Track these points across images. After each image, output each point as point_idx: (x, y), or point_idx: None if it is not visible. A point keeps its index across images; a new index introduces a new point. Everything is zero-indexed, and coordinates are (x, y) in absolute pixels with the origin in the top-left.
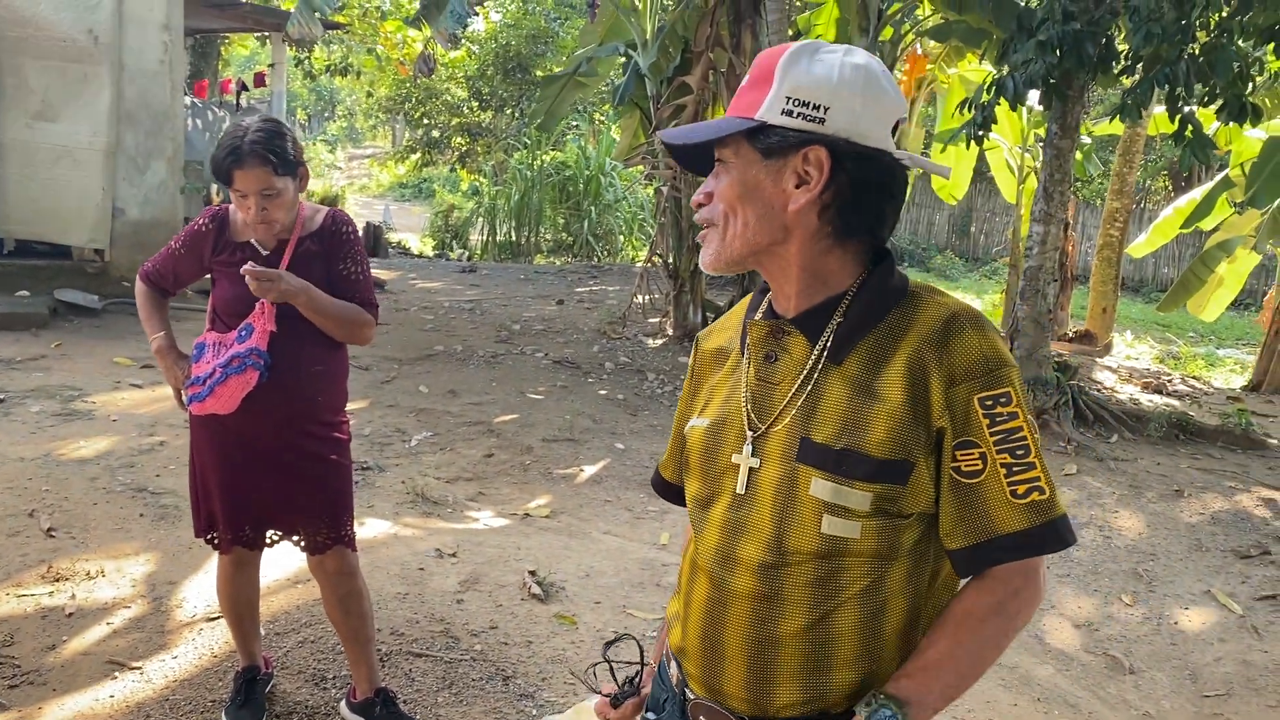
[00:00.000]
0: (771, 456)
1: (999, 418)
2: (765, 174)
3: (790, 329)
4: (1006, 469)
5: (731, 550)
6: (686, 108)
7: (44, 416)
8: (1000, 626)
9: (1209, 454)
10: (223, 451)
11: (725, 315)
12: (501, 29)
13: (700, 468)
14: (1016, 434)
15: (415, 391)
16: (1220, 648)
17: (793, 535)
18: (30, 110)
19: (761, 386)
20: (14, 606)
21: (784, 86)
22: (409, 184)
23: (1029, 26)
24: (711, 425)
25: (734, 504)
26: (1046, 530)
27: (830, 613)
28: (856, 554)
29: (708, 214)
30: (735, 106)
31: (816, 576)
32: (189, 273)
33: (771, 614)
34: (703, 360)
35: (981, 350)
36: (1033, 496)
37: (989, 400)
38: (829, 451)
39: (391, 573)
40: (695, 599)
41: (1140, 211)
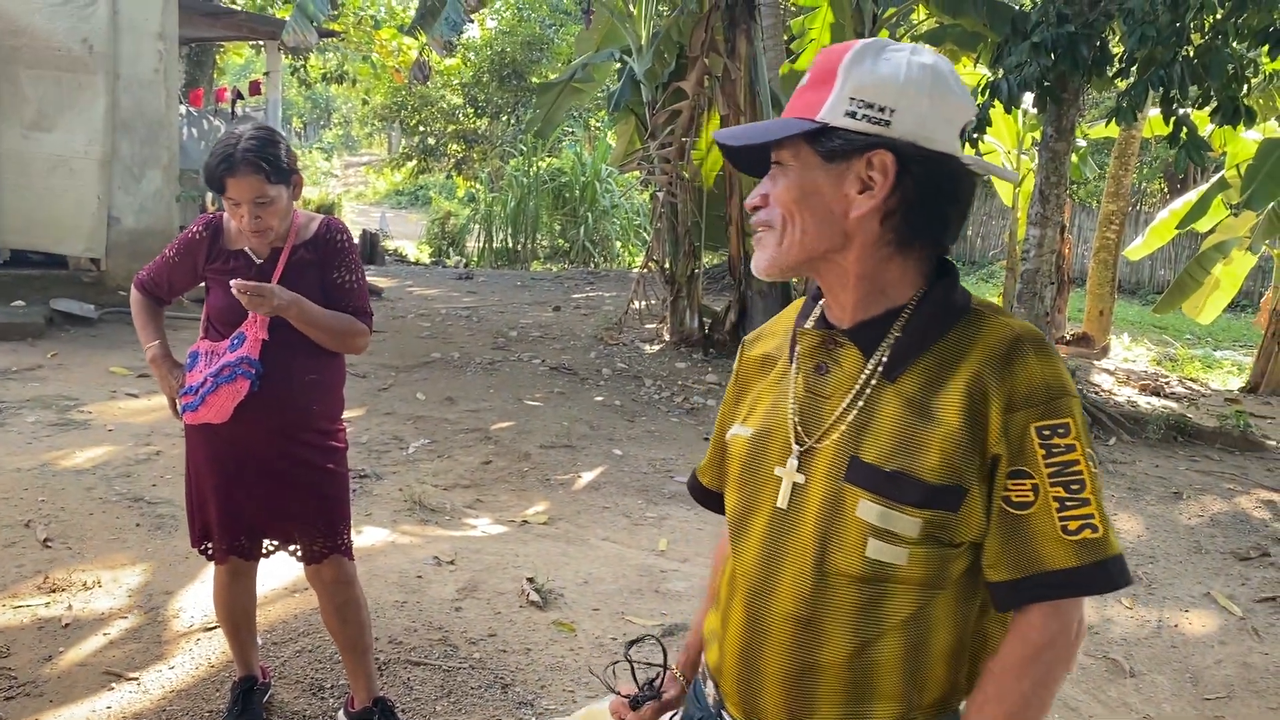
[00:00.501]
0: (817, 473)
1: (1056, 449)
2: (826, 178)
3: (844, 341)
4: (1059, 503)
5: (771, 569)
6: (682, 113)
7: (40, 426)
8: (1040, 677)
9: (1207, 456)
10: (217, 461)
11: (772, 320)
12: (497, 36)
13: (741, 479)
14: (1073, 467)
15: (412, 399)
16: (1221, 650)
17: (836, 557)
18: (25, 119)
19: (810, 399)
20: (10, 618)
21: (847, 86)
22: (405, 191)
23: (1023, 29)
24: (755, 435)
25: (775, 519)
26: (1096, 570)
27: (872, 641)
28: (902, 581)
29: (764, 217)
30: (794, 106)
31: (859, 602)
32: (183, 281)
33: (812, 639)
34: (748, 366)
35: (1044, 377)
36: (1084, 534)
37: (1047, 430)
38: (879, 473)
39: (389, 581)
40: (733, 618)
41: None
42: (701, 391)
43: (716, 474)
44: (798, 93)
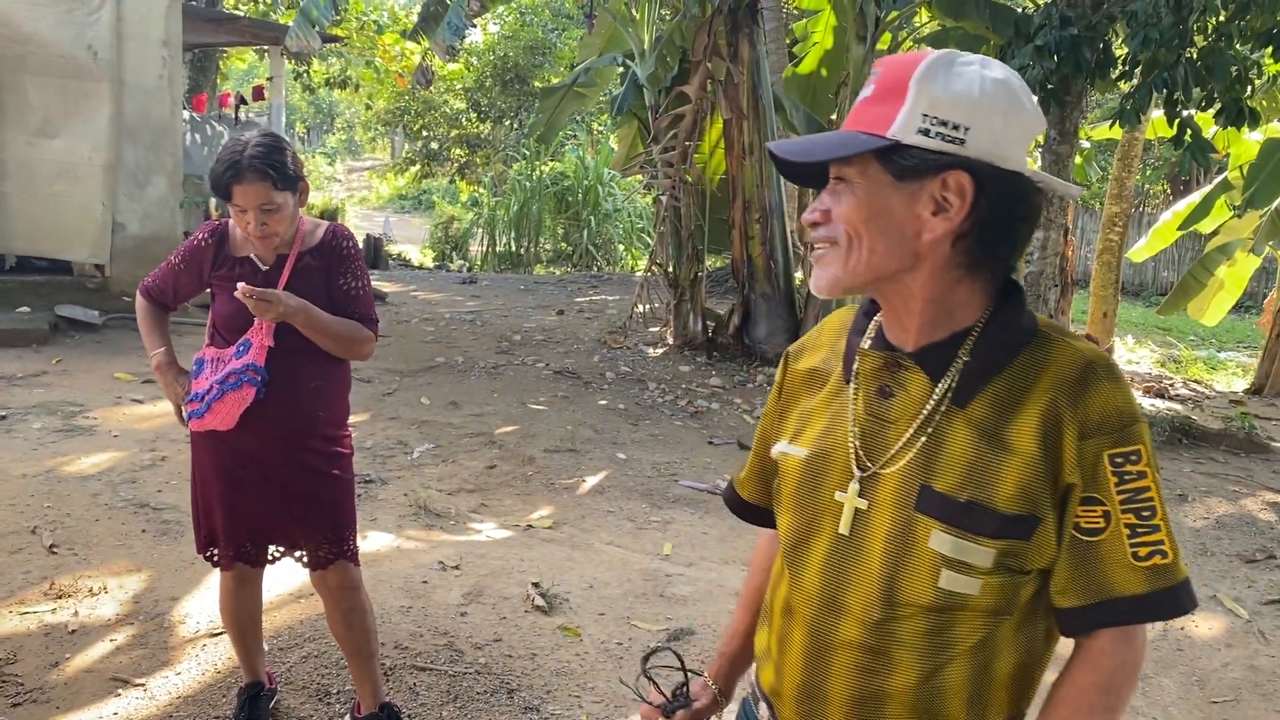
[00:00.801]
0: (884, 501)
1: (1128, 476)
2: (897, 198)
3: (909, 364)
4: (1130, 529)
5: (836, 597)
6: (684, 117)
7: (45, 433)
8: (1111, 703)
9: (1212, 458)
10: (223, 467)
11: (815, 331)
12: (499, 40)
13: (796, 501)
14: (1144, 494)
15: (417, 403)
16: (1227, 653)
17: (906, 587)
18: (31, 127)
19: (873, 423)
20: (16, 624)
21: (920, 102)
22: (408, 196)
23: (1026, 32)
24: (811, 457)
25: (837, 546)
26: (1165, 596)
27: (940, 667)
28: (973, 609)
29: (826, 234)
30: (859, 120)
31: (928, 630)
32: (188, 288)
33: (879, 667)
34: (794, 380)
35: (1116, 404)
36: (1155, 560)
37: (1119, 458)
38: (953, 503)
39: (395, 586)
40: (793, 644)
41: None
42: (705, 395)
43: (758, 488)
44: (863, 104)
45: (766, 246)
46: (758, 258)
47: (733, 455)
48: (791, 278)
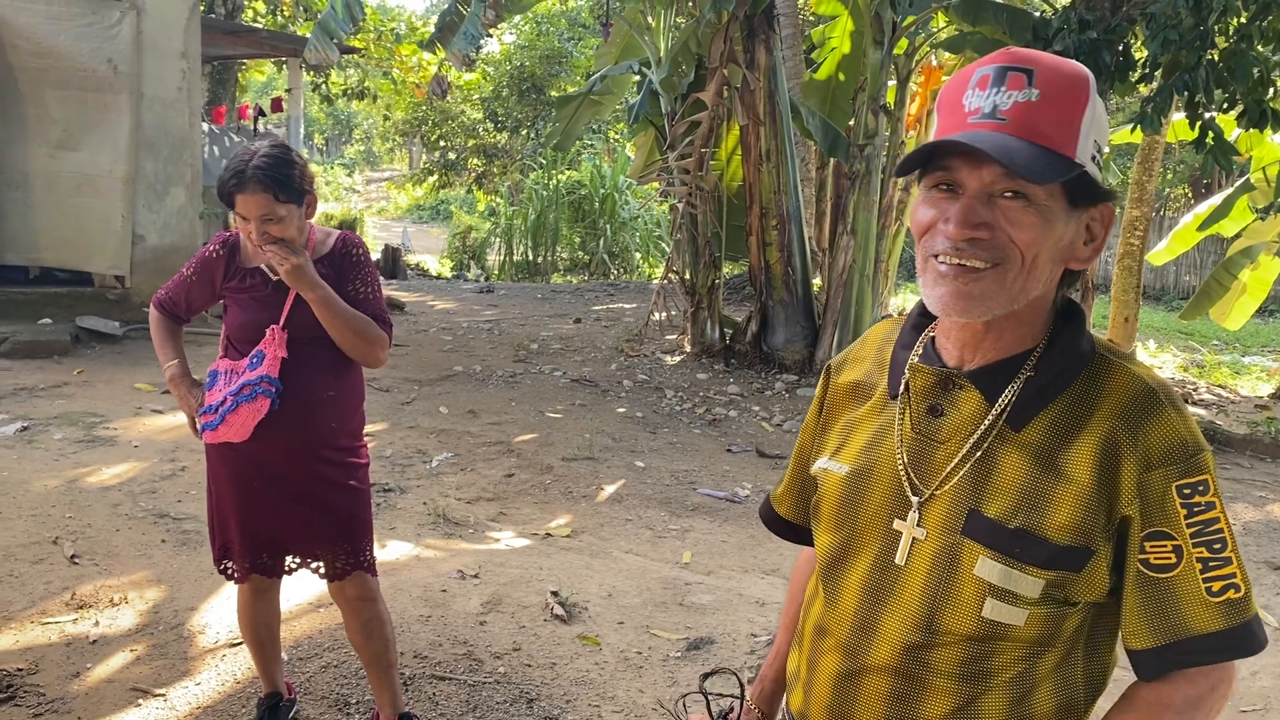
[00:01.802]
0: (931, 525)
1: (1197, 508)
2: (1070, 225)
3: (964, 383)
4: (1203, 564)
5: (872, 620)
6: (701, 124)
7: (67, 444)
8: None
9: (1238, 463)
10: (239, 479)
11: (858, 344)
12: (515, 50)
13: (836, 519)
14: (1214, 526)
15: (435, 412)
16: (1256, 662)
17: (948, 615)
18: (52, 139)
19: (921, 442)
20: (38, 634)
21: (1093, 125)
22: (426, 206)
23: (1044, 36)
24: (853, 474)
25: (878, 568)
26: (1242, 632)
27: (975, 698)
28: (1014, 640)
29: (989, 253)
30: (1034, 130)
31: (966, 659)
32: (201, 299)
33: (911, 694)
34: (836, 393)
35: (1181, 434)
36: (1229, 594)
37: (1187, 489)
38: (1002, 530)
39: (414, 595)
40: (824, 666)
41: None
42: (724, 403)
43: (795, 505)
44: (1032, 109)
45: (784, 253)
46: (775, 264)
47: (751, 463)
48: (809, 284)
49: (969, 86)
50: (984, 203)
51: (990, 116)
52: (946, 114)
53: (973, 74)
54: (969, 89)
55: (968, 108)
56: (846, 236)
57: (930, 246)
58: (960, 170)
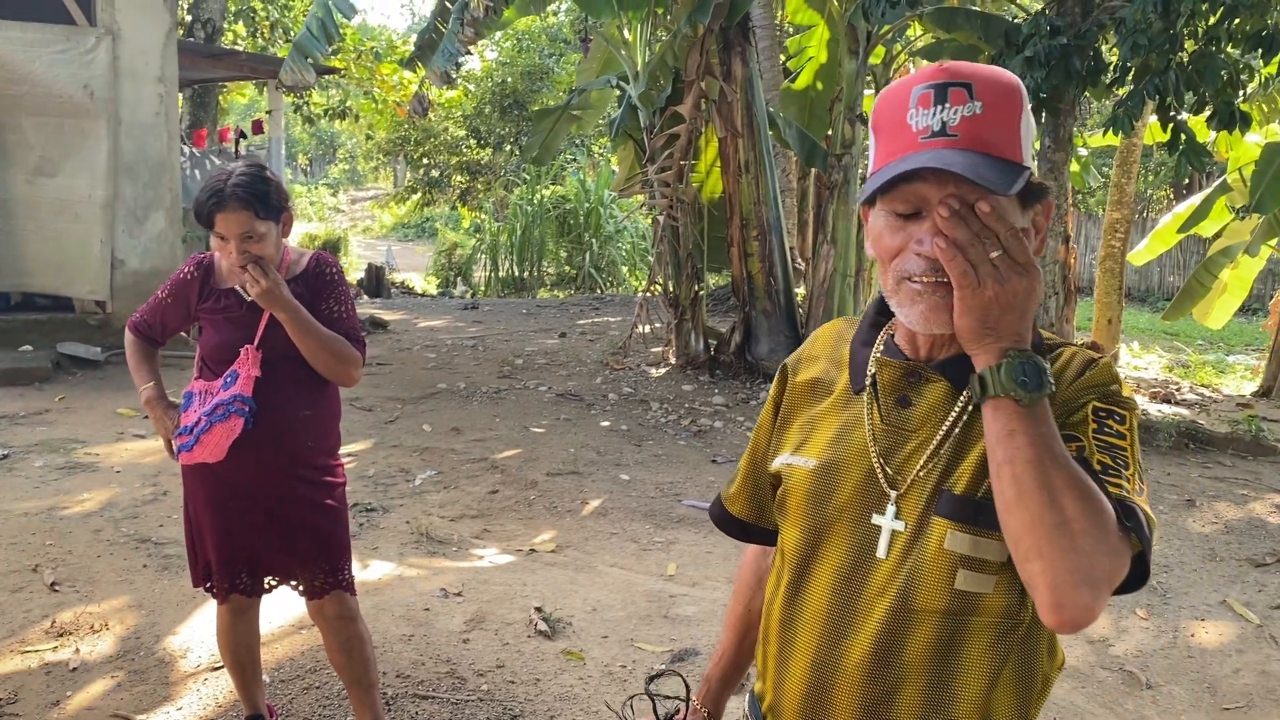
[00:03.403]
0: (909, 515)
1: (1107, 428)
2: (1021, 225)
3: (931, 375)
4: (1102, 467)
5: (849, 609)
6: (680, 137)
7: (48, 470)
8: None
9: (1220, 462)
10: (215, 499)
11: (810, 343)
12: (497, 67)
13: (805, 512)
14: (1120, 446)
15: (419, 430)
16: (1238, 659)
17: (922, 592)
18: (30, 166)
19: (893, 433)
20: (18, 663)
21: (1028, 129)
22: (411, 224)
23: (1016, 42)
24: (822, 467)
25: (853, 560)
26: (1123, 504)
27: (951, 677)
28: (984, 612)
29: (964, 270)
30: (984, 141)
31: (940, 637)
32: (176, 321)
33: (888, 676)
34: (794, 392)
35: (1111, 377)
36: (1116, 491)
37: (1103, 412)
38: (969, 502)
39: (396, 614)
40: (797, 656)
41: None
42: (709, 414)
43: (748, 503)
44: (979, 122)
45: (766, 263)
46: (757, 275)
47: None
48: (792, 294)
49: (910, 106)
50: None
51: (941, 134)
52: (890, 136)
53: (909, 93)
54: (911, 108)
55: (915, 127)
56: (827, 245)
57: (903, 269)
58: (925, 191)
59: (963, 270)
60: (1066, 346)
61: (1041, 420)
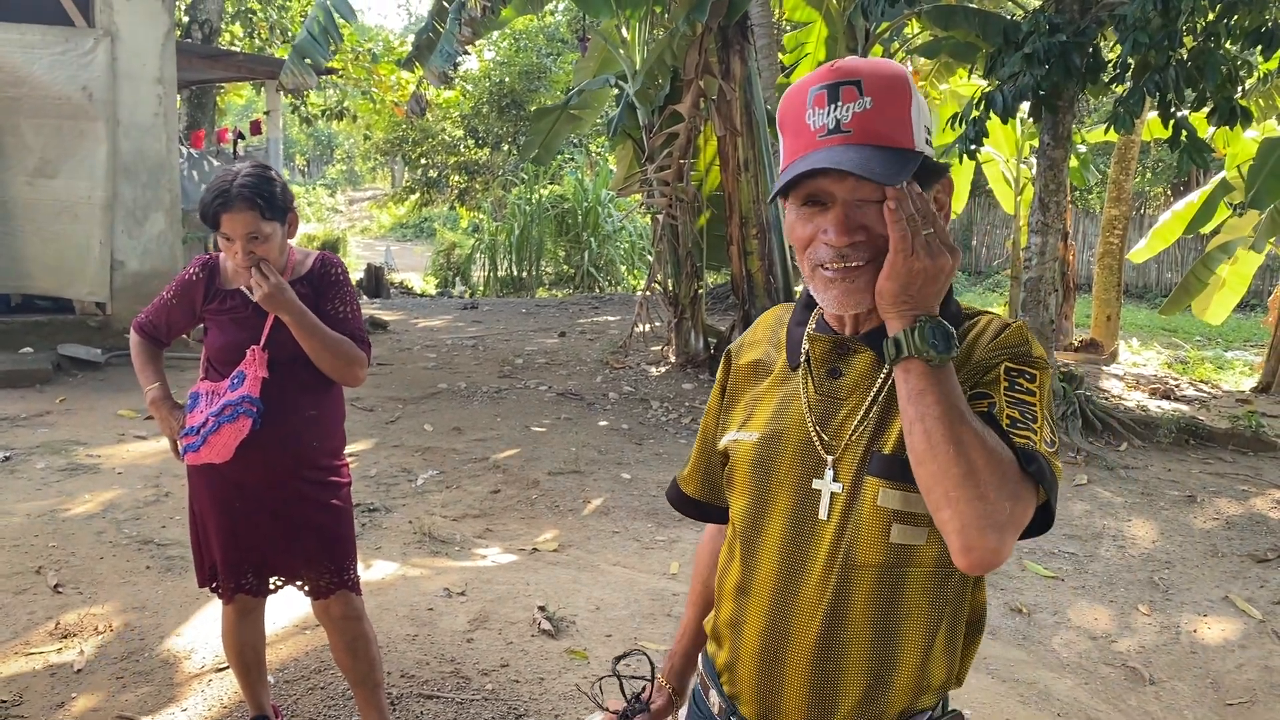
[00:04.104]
0: (845, 477)
1: (1018, 386)
2: None
3: (859, 346)
4: (1011, 421)
5: (794, 570)
6: (678, 135)
7: (49, 472)
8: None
9: (1220, 458)
10: (220, 500)
11: (752, 329)
12: (494, 67)
13: (750, 482)
14: (1029, 402)
15: (420, 430)
16: (1241, 654)
17: (860, 548)
18: (29, 167)
19: (826, 402)
20: (22, 665)
21: (920, 112)
22: (410, 224)
23: (1015, 40)
24: (764, 439)
25: (795, 523)
26: (1024, 450)
27: (893, 626)
28: (919, 563)
29: (869, 250)
30: (875, 134)
31: (881, 589)
32: (181, 322)
33: (835, 630)
34: (738, 375)
35: (1024, 338)
36: (1021, 442)
37: (1014, 371)
38: (896, 460)
39: (400, 614)
40: (750, 617)
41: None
42: None
43: (701, 484)
44: (868, 117)
45: (765, 261)
46: (757, 273)
47: None
48: (792, 292)
49: (808, 106)
50: (855, 208)
51: (836, 131)
52: (793, 135)
53: (807, 93)
54: (808, 109)
55: (813, 126)
56: None
57: (815, 258)
58: (827, 185)
59: (902, 234)
60: (984, 314)
61: (948, 380)
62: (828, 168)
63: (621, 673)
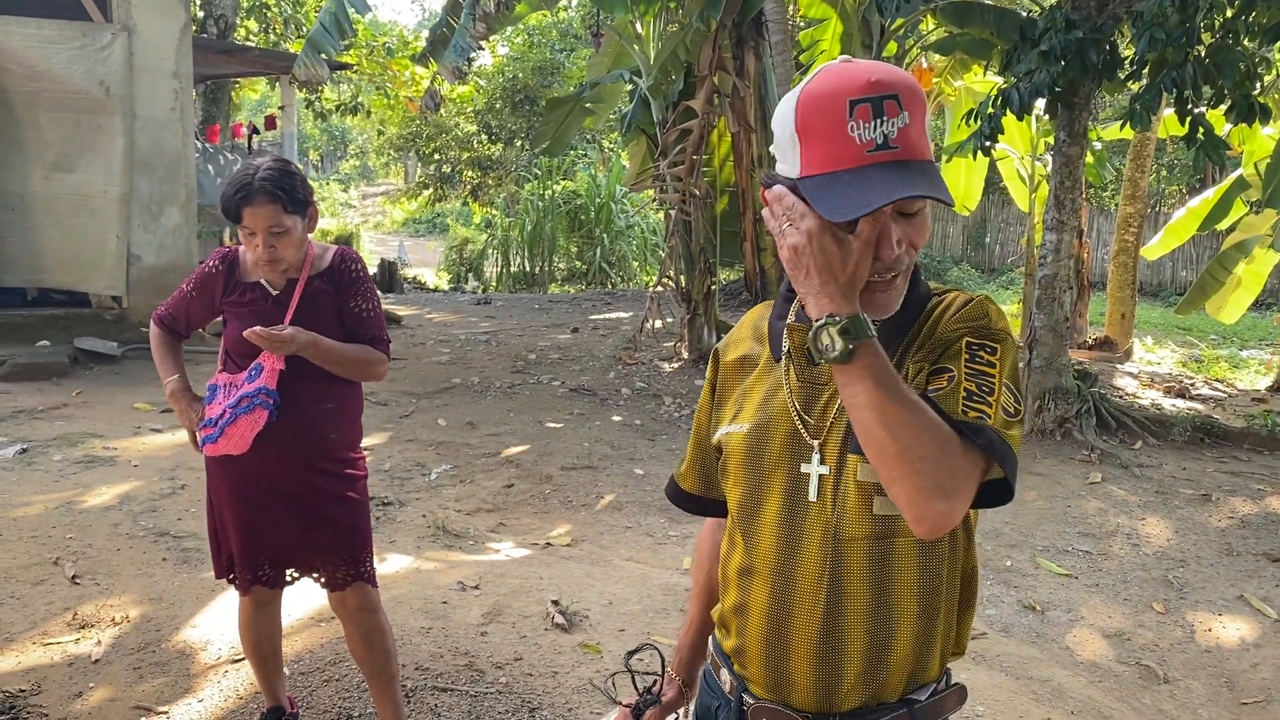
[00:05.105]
0: (830, 458)
1: (978, 359)
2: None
3: None
4: (967, 394)
5: (791, 549)
6: (692, 131)
7: (66, 464)
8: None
9: (1235, 457)
10: (238, 492)
11: (738, 327)
12: (508, 62)
13: (744, 471)
14: (988, 375)
15: (434, 425)
16: (1256, 653)
17: (847, 522)
18: (48, 161)
19: (807, 388)
20: (40, 655)
21: (928, 119)
22: (422, 219)
23: (1031, 37)
24: (753, 429)
25: (789, 506)
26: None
27: (887, 596)
28: (904, 533)
29: (907, 262)
30: (923, 149)
31: (871, 561)
32: (201, 315)
33: (836, 604)
34: (726, 371)
35: (986, 313)
36: (975, 417)
37: (975, 345)
38: None
39: (414, 607)
40: (755, 601)
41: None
42: None
43: (697, 479)
44: (910, 131)
45: (778, 258)
46: (770, 269)
47: None
48: None
49: (848, 117)
50: (895, 220)
51: (885, 147)
52: (830, 143)
53: (843, 101)
54: (850, 119)
55: (859, 140)
56: None
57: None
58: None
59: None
60: (950, 291)
61: (869, 370)
62: (916, 196)
63: (633, 667)
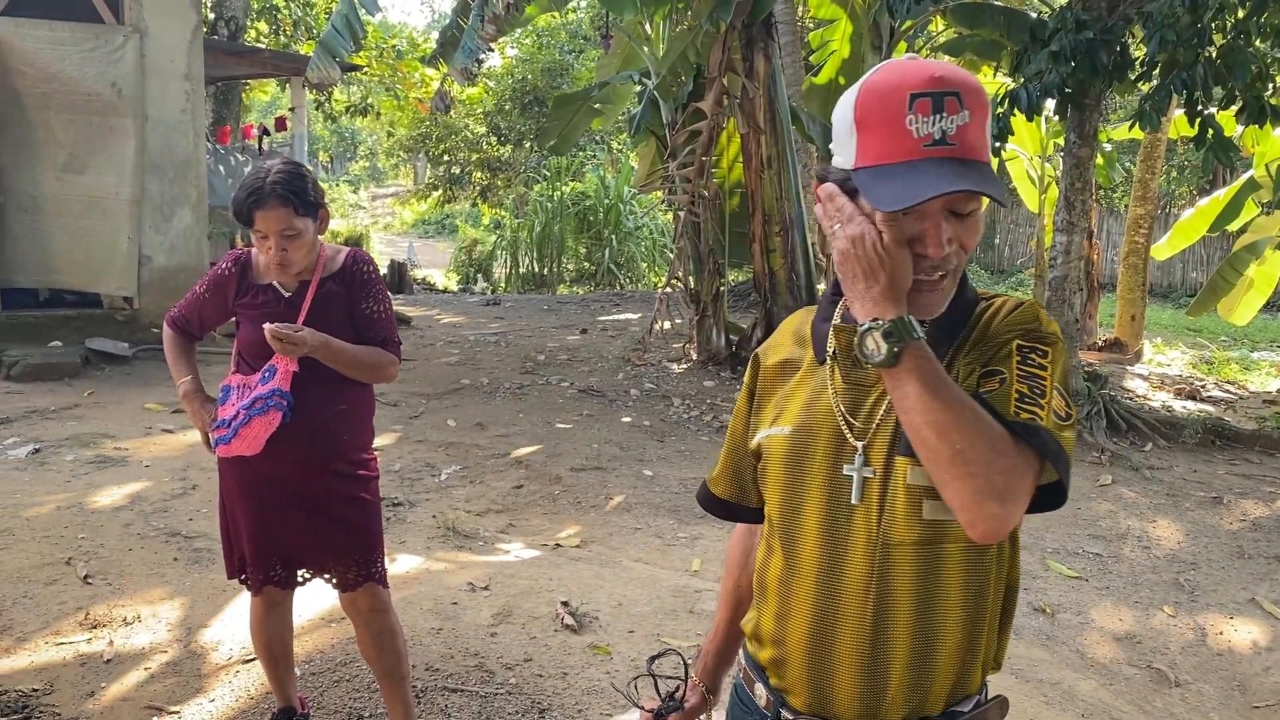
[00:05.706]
0: (876, 461)
1: (1030, 362)
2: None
3: None
4: (1019, 395)
5: (836, 556)
6: (701, 133)
7: (78, 465)
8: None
9: (1246, 459)
10: (250, 492)
11: (779, 331)
12: (518, 64)
13: (786, 474)
14: (1040, 378)
15: (443, 425)
16: (1269, 657)
17: (895, 527)
18: (59, 163)
19: (854, 390)
20: (53, 655)
21: (989, 123)
22: (432, 221)
23: (1042, 37)
24: (796, 431)
25: (832, 509)
26: (1026, 427)
27: (934, 604)
28: (954, 539)
29: (955, 263)
30: (980, 150)
31: (919, 567)
32: (214, 317)
33: (883, 611)
34: (766, 376)
35: (1037, 317)
36: (1026, 418)
37: (1026, 348)
38: None
39: (424, 608)
40: (797, 611)
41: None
42: (730, 409)
43: (731, 484)
44: (976, 132)
45: (788, 259)
46: (779, 271)
47: None
48: (814, 290)
49: (907, 110)
50: (946, 219)
51: (942, 143)
52: (886, 136)
53: (904, 95)
54: (909, 113)
55: (916, 134)
56: None
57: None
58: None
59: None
60: (999, 296)
61: (916, 373)
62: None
63: (655, 672)
